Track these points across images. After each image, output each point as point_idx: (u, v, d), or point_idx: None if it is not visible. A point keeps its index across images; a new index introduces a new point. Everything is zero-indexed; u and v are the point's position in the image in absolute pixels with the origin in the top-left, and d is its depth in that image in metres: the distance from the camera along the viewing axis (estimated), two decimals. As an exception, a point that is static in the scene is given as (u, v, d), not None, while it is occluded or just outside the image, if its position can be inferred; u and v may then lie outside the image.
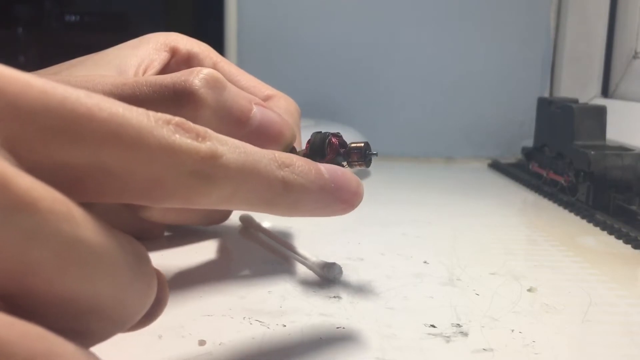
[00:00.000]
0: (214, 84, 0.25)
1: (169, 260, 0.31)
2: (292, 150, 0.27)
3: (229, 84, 0.26)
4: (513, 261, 0.33)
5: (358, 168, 0.27)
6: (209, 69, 0.25)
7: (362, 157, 0.26)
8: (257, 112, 0.26)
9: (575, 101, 0.54)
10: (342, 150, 0.27)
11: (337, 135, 0.27)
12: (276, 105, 0.32)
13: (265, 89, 0.33)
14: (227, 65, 0.34)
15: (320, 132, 0.27)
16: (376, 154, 0.27)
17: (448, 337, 0.23)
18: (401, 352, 0.22)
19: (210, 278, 0.29)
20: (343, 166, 0.27)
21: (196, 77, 0.24)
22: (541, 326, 0.25)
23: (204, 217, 0.35)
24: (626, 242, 0.38)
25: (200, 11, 0.86)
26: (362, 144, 0.27)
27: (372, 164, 0.27)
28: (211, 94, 0.24)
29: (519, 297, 0.28)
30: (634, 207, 0.43)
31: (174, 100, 0.24)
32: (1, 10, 0.90)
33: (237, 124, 0.25)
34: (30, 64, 0.31)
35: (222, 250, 0.34)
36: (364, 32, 0.76)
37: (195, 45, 0.33)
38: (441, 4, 0.75)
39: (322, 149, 0.27)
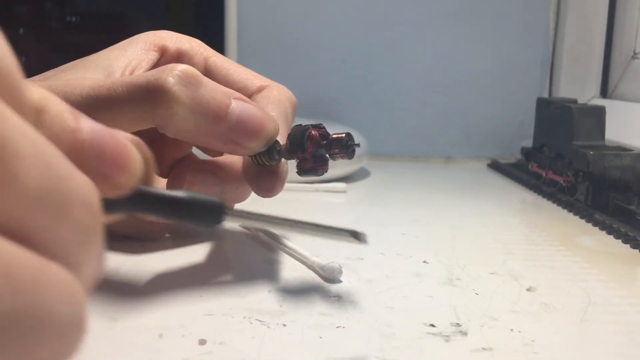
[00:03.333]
0: (188, 80, 0.24)
1: (169, 260, 0.31)
2: (275, 143, 0.27)
3: (205, 80, 0.25)
4: (512, 261, 0.34)
5: (341, 160, 0.26)
6: (184, 65, 0.25)
7: (343, 148, 0.25)
8: (236, 106, 0.25)
9: (574, 101, 0.54)
10: (323, 143, 0.26)
11: (319, 127, 0.26)
12: (267, 96, 0.31)
13: (259, 80, 0.33)
14: (219, 59, 0.33)
15: (301, 125, 0.27)
16: (358, 145, 0.26)
17: (447, 336, 0.23)
18: (401, 351, 0.22)
19: (210, 278, 0.29)
20: (326, 159, 0.26)
21: (169, 75, 0.24)
22: (540, 325, 0.25)
23: None
24: (625, 241, 0.38)
25: (200, 11, 0.86)
26: (344, 135, 0.25)
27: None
28: (185, 91, 0.24)
29: (518, 296, 0.28)
30: (632, 207, 0.43)
31: (148, 99, 0.24)
32: (2, 10, 0.90)
33: (214, 120, 0.25)
34: (31, 64, 0.31)
35: (222, 250, 0.34)
36: (364, 32, 0.76)
37: (186, 42, 0.33)
38: (441, 4, 0.75)
39: (302, 142, 0.26)
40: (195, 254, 0.33)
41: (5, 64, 0.11)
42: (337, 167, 0.55)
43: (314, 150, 0.26)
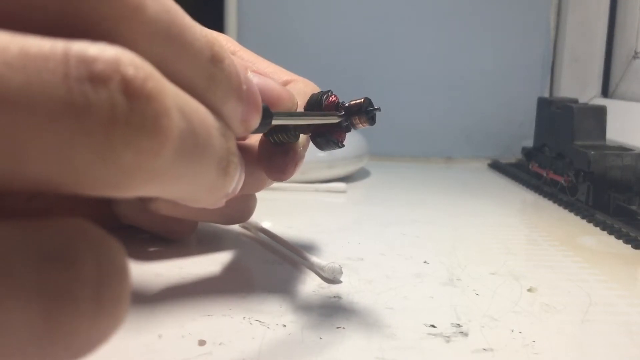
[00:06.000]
0: None
1: (168, 260, 0.31)
2: None
3: None
4: (513, 261, 0.34)
5: (362, 127, 0.25)
6: None
7: (363, 114, 0.25)
8: (252, 77, 0.25)
9: (575, 101, 0.54)
10: (342, 112, 0.25)
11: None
12: (293, 88, 0.31)
13: (285, 75, 0.33)
14: (246, 53, 0.33)
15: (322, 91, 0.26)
16: (379, 109, 0.25)
17: (448, 337, 0.23)
18: (401, 352, 0.22)
19: (210, 278, 0.29)
20: (342, 127, 0.25)
21: None
22: (541, 326, 0.25)
23: (221, 214, 0.34)
24: (626, 242, 0.38)
25: (201, 11, 0.86)
26: (362, 100, 0.25)
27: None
28: None
29: (519, 297, 0.28)
30: (633, 207, 0.43)
31: None
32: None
33: None
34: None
35: (222, 249, 0.34)
36: (364, 32, 0.76)
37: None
38: (441, 4, 0.75)
39: (320, 100, 0.25)
40: (194, 254, 0.33)
41: (161, 18, 0.13)
42: (337, 167, 0.55)
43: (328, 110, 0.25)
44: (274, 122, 0.22)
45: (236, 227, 0.38)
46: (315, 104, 0.25)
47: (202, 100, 0.15)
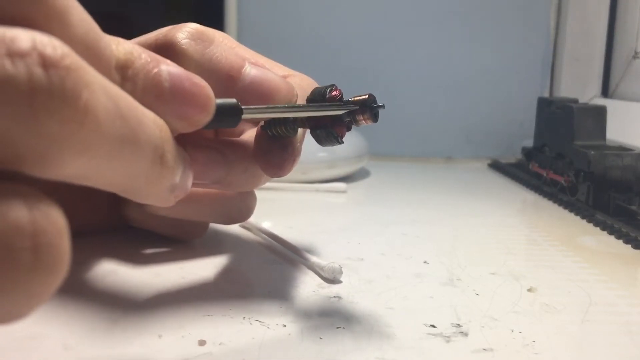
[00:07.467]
0: (198, 37, 0.25)
1: (168, 260, 0.31)
2: None
3: (218, 40, 0.25)
4: (513, 261, 0.34)
5: (364, 124, 0.24)
6: (196, 24, 0.25)
7: (367, 110, 0.24)
8: (251, 69, 0.25)
9: (575, 101, 0.54)
10: (343, 103, 0.24)
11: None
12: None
13: (281, 70, 0.32)
14: (243, 50, 0.33)
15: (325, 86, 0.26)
16: (383, 106, 0.24)
17: (448, 337, 0.23)
18: (401, 352, 0.22)
19: (211, 278, 0.29)
20: (343, 122, 0.24)
21: (179, 31, 0.24)
22: (541, 326, 0.25)
23: (220, 214, 0.33)
24: (626, 242, 0.38)
25: (200, 11, 0.86)
26: (366, 96, 0.24)
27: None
28: (194, 46, 0.24)
29: (519, 297, 0.28)
30: (633, 207, 0.43)
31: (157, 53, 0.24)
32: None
33: (227, 78, 0.25)
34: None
35: (222, 250, 0.34)
36: (364, 32, 0.76)
37: (210, 33, 0.33)
38: (441, 4, 0.75)
39: (323, 95, 0.25)
40: (194, 254, 0.33)
41: (82, 25, 0.14)
42: (338, 167, 0.55)
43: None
44: (259, 115, 0.22)
45: (236, 227, 0.38)
46: (318, 98, 0.25)
47: None
